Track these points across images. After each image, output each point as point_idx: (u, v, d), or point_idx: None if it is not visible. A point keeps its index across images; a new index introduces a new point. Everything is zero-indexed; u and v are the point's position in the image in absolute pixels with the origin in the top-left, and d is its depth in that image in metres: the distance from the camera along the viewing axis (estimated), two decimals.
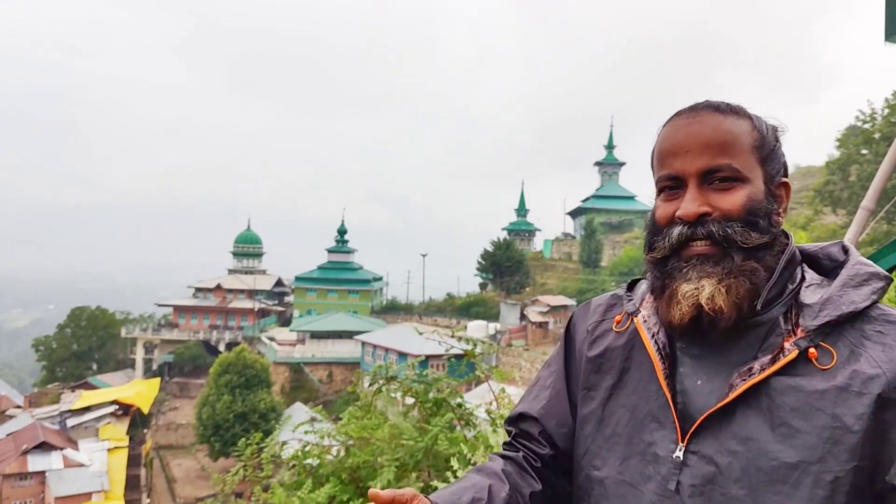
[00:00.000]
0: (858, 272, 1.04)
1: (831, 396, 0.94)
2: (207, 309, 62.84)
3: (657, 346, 1.11)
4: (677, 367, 1.09)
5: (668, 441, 1.04)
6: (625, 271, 46.40)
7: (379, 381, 3.39)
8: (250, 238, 71.72)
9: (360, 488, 2.79)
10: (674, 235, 1.05)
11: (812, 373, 0.96)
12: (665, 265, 1.07)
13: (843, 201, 29.39)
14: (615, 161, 67.01)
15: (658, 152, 1.11)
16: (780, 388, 0.97)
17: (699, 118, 1.07)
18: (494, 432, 2.86)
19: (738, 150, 1.05)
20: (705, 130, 1.05)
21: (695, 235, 1.03)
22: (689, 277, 1.03)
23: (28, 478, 32.42)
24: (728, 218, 1.02)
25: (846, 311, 0.99)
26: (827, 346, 0.98)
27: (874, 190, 4.69)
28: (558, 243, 63.20)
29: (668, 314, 1.05)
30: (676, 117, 1.11)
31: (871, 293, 1.01)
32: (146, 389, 45.23)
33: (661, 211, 1.09)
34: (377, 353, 41.91)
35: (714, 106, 1.08)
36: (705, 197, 1.04)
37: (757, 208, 1.04)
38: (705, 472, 0.99)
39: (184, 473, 35.40)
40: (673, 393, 1.07)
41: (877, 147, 27.35)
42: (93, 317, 62.70)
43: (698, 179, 1.05)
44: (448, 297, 60.43)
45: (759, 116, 1.11)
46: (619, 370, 1.16)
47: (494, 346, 5.00)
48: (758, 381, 0.97)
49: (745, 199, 1.03)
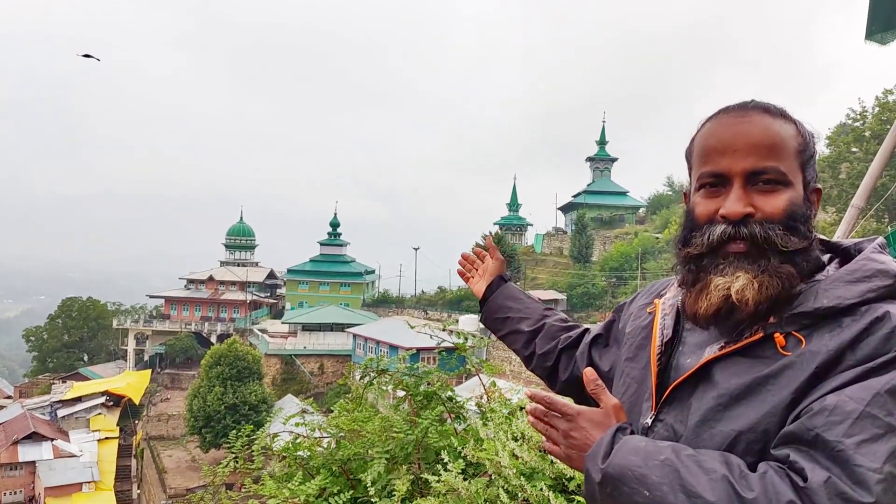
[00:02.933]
0: (862, 268, 1.04)
1: (778, 375, 0.98)
2: (199, 300, 62.65)
3: (661, 327, 1.20)
4: (678, 346, 1.17)
5: (648, 410, 1.14)
6: (615, 266, 46.50)
7: (370, 374, 3.40)
8: (243, 230, 71.49)
9: (350, 480, 2.80)
10: (716, 233, 1.06)
11: (771, 355, 1.00)
12: (701, 260, 1.09)
13: (833, 199, 29.48)
14: (607, 156, 66.95)
15: (702, 147, 1.12)
16: (735, 365, 1.03)
17: (748, 118, 1.07)
18: (485, 425, 2.88)
19: (784, 154, 1.06)
20: (755, 131, 1.06)
21: (737, 235, 1.04)
22: (725, 273, 1.04)
23: (18, 468, 32.32)
24: (770, 220, 1.04)
25: (825, 305, 1.00)
26: (798, 335, 1.00)
27: (864, 188, 4.72)
28: (549, 238, 63.20)
29: (694, 305, 1.09)
30: (724, 114, 1.11)
31: (868, 291, 1.00)
32: (137, 380, 45.13)
33: (701, 207, 1.10)
34: (368, 346, 41.92)
35: (763, 107, 1.09)
36: (749, 198, 1.05)
37: (798, 213, 1.06)
38: (664, 438, 1.06)
39: (174, 464, 35.33)
40: (662, 368, 1.15)
41: (867, 145, 27.46)
42: (84, 308, 62.41)
43: (744, 179, 1.05)
44: (440, 291, 60.37)
45: (801, 121, 1.11)
46: (636, 347, 1.26)
47: (485, 339, 5.02)
48: (714, 357, 1.05)
49: (788, 203, 1.05)
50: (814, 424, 0.90)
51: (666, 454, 0.95)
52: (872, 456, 0.86)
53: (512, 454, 2.46)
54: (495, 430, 2.73)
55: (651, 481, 0.93)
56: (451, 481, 2.35)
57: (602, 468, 0.99)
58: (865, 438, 0.87)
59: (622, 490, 0.96)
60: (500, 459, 2.42)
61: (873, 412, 0.88)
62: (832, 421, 0.89)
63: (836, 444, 0.87)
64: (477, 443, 2.71)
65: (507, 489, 2.34)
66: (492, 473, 2.49)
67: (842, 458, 0.86)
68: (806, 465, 0.88)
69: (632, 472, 0.96)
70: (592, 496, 1.02)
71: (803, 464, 0.88)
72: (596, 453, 1.01)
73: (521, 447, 2.45)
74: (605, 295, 44.10)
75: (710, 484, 0.89)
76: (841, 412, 0.89)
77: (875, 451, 0.86)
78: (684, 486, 0.91)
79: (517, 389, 3.61)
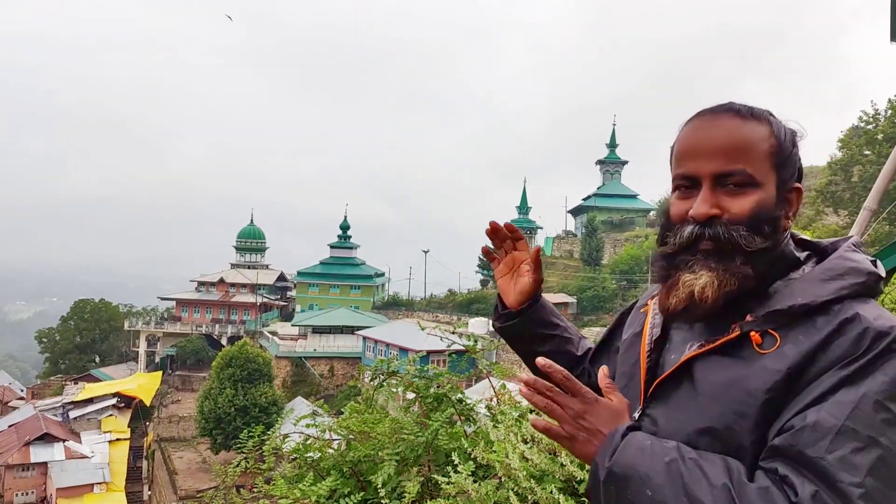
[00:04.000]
0: (835, 266, 1.07)
1: (751, 373, 1.00)
2: (210, 303, 62.97)
3: (651, 326, 1.24)
4: (666, 343, 1.20)
5: (636, 405, 1.17)
6: (625, 269, 46.35)
7: (380, 376, 3.41)
8: (253, 233, 71.78)
9: (360, 482, 2.81)
10: (685, 234, 1.10)
11: (747, 354, 1.03)
12: (674, 259, 1.13)
13: (845, 202, 29.31)
14: (617, 159, 66.79)
15: (676, 151, 1.15)
16: (712, 363, 1.06)
17: (717, 121, 1.10)
18: (495, 427, 2.88)
19: (752, 156, 1.08)
20: (721, 134, 1.09)
21: (703, 235, 1.08)
22: (693, 270, 1.09)
23: (30, 469, 32.55)
24: (735, 221, 1.07)
25: (800, 303, 1.02)
26: (774, 334, 1.02)
27: (877, 191, 4.71)
28: (559, 241, 63.12)
29: (666, 300, 1.14)
30: (697, 117, 1.14)
31: (841, 288, 1.02)
32: (148, 382, 45.33)
33: (675, 208, 1.14)
34: (378, 349, 41.96)
35: (735, 109, 1.11)
36: (717, 199, 1.08)
37: (764, 214, 1.07)
38: (649, 432, 1.08)
39: (185, 466, 35.49)
40: (651, 365, 1.18)
41: (879, 148, 27.27)
42: (96, 309, 62.83)
43: (712, 182, 1.09)
44: (449, 294, 60.44)
45: (778, 121, 1.13)
46: (628, 344, 1.31)
47: (495, 342, 5.03)
48: (693, 355, 1.08)
49: (754, 205, 1.07)
50: (797, 441, 0.92)
51: (671, 455, 0.96)
52: (854, 470, 0.88)
53: (522, 456, 2.47)
54: (505, 433, 2.74)
55: (655, 483, 0.94)
56: (461, 483, 2.35)
57: (608, 466, 1.00)
58: (846, 453, 0.89)
59: (626, 489, 0.97)
60: (510, 461, 2.42)
61: (853, 426, 0.90)
62: (814, 437, 0.91)
63: (818, 461, 0.89)
64: (487, 445, 2.72)
65: (517, 491, 2.35)
66: (502, 475, 2.49)
67: (825, 475, 0.89)
68: (796, 480, 0.90)
69: (637, 472, 0.96)
70: (595, 491, 1.03)
71: (793, 479, 0.90)
72: (606, 449, 1.02)
73: (531, 449, 2.45)
74: (615, 298, 43.98)
75: (710, 492, 0.91)
76: (822, 428, 0.91)
77: (856, 465, 0.88)
78: (686, 489, 0.92)
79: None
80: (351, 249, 66.92)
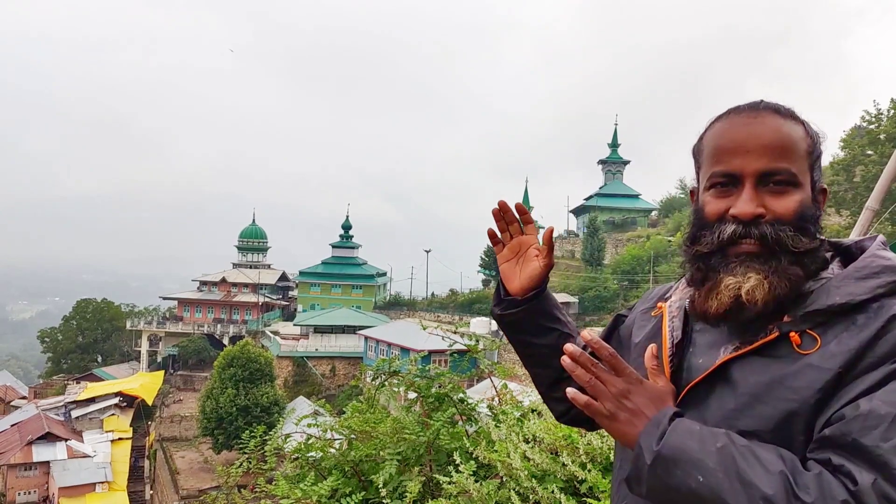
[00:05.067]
0: (869, 265, 1.05)
1: (798, 374, 0.98)
2: (212, 302, 62.97)
3: (671, 328, 1.19)
4: (689, 347, 1.16)
5: None
6: (627, 269, 46.28)
7: (382, 376, 3.42)
8: (255, 233, 71.76)
9: (362, 481, 2.82)
10: (727, 232, 1.07)
11: (788, 354, 1.00)
12: (710, 259, 1.09)
13: (848, 202, 29.24)
14: (619, 159, 66.72)
15: (713, 147, 1.12)
16: (752, 365, 1.03)
17: (760, 118, 1.08)
18: (496, 427, 2.88)
19: (795, 155, 1.07)
20: (766, 132, 1.07)
21: (747, 234, 1.05)
22: (736, 272, 1.05)
23: (33, 468, 32.61)
24: (781, 221, 1.05)
25: (838, 302, 1.01)
26: (813, 334, 1.00)
27: (879, 191, 4.69)
28: (561, 241, 63.03)
29: (704, 304, 1.09)
30: (735, 114, 1.12)
31: (878, 286, 1.01)
32: (150, 382, 45.38)
33: (712, 206, 1.10)
34: (380, 348, 41.93)
35: (774, 107, 1.10)
36: (760, 198, 1.06)
37: (808, 214, 1.07)
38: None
39: (187, 465, 35.47)
40: (675, 369, 1.14)
41: (882, 148, 27.19)
42: (98, 309, 62.94)
43: (756, 180, 1.06)
44: (451, 293, 60.35)
45: (808, 122, 1.12)
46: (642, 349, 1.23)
47: (497, 342, 5.02)
48: (730, 357, 1.05)
49: (798, 205, 1.06)
50: (850, 430, 0.91)
51: (723, 441, 0.94)
52: None
53: (523, 456, 2.47)
54: (507, 432, 2.74)
55: (706, 466, 0.92)
56: (463, 483, 2.35)
57: (656, 449, 0.97)
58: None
59: (674, 473, 0.94)
60: (511, 461, 2.42)
61: None
62: (868, 426, 0.90)
63: (874, 449, 0.89)
64: (488, 444, 2.72)
65: (518, 491, 2.35)
66: (503, 475, 2.50)
67: (881, 462, 0.88)
68: (852, 468, 0.89)
69: (688, 456, 0.94)
70: (639, 475, 1.00)
71: (850, 467, 0.89)
72: (652, 432, 0.98)
73: (532, 449, 2.45)
74: (617, 298, 43.92)
75: (766, 476, 0.89)
76: (875, 416, 0.90)
77: None
78: (740, 474, 0.90)
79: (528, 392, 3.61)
80: (353, 249, 66.90)
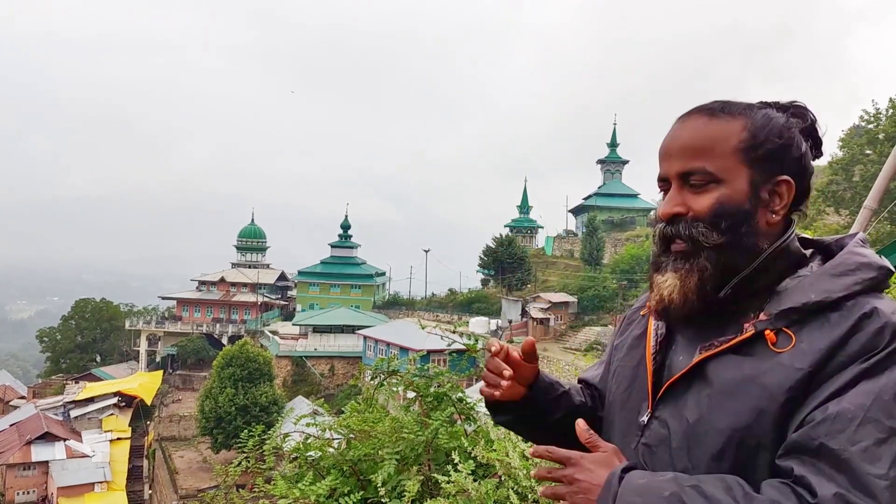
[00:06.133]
0: (845, 262, 1.05)
1: (769, 372, 0.99)
2: (211, 302, 62.98)
3: (656, 326, 1.22)
4: (671, 346, 1.19)
5: (645, 408, 1.16)
6: (626, 269, 46.30)
7: (380, 375, 3.41)
8: (254, 232, 71.76)
9: (361, 481, 2.81)
10: (657, 233, 1.15)
11: (762, 352, 1.02)
12: (658, 259, 1.16)
13: (847, 201, 29.26)
14: (618, 159, 66.71)
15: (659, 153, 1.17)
16: (727, 363, 1.04)
17: (686, 122, 1.13)
18: (495, 426, 2.88)
19: (715, 153, 1.08)
20: (685, 134, 1.11)
21: (678, 234, 1.10)
22: (666, 271, 1.13)
23: (31, 468, 32.60)
24: (696, 219, 1.08)
25: (813, 300, 1.01)
26: (789, 332, 1.01)
27: (877, 190, 4.70)
28: (560, 240, 63.05)
29: (650, 301, 1.18)
30: (676, 121, 1.16)
31: (854, 283, 1.01)
32: (149, 381, 45.40)
33: (658, 210, 1.16)
34: (379, 348, 41.94)
35: (706, 108, 1.12)
36: (683, 197, 1.11)
37: (724, 209, 1.07)
38: (659, 435, 1.11)
39: (186, 465, 35.48)
40: (657, 367, 1.17)
41: (881, 147, 27.22)
42: (97, 309, 62.89)
43: (678, 181, 1.11)
44: (450, 293, 60.37)
45: (765, 115, 1.10)
46: (628, 347, 1.30)
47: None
48: (707, 356, 1.06)
49: (714, 201, 1.08)
50: (817, 434, 0.91)
51: (669, 489, 0.93)
52: (878, 462, 0.87)
53: (522, 455, 2.47)
54: (506, 432, 2.74)
55: None
56: (462, 482, 2.35)
57: None
58: (870, 444, 0.88)
59: None
60: (510, 460, 2.42)
61: (875, 416, 0.89)
62: (835, 429, 0.90)
63: (840, 452, 0.88)
64: (487, 444, 2.72)
65: (517, 490, 2.35)
66: (502, 474, 2.50)
67: (847, 466, 0.87)
68: (813, 479, 0.88)
69: None
70: None
71: (810, 478, 0.89)
72: (605, 497, 0.99)
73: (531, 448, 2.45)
74: (616, 297, 43.93)
75: None
76: (843, 419, 0.90)
77: (880, 456, 0.87)
78: None
79: None
80: (352, 249, 66.91)
